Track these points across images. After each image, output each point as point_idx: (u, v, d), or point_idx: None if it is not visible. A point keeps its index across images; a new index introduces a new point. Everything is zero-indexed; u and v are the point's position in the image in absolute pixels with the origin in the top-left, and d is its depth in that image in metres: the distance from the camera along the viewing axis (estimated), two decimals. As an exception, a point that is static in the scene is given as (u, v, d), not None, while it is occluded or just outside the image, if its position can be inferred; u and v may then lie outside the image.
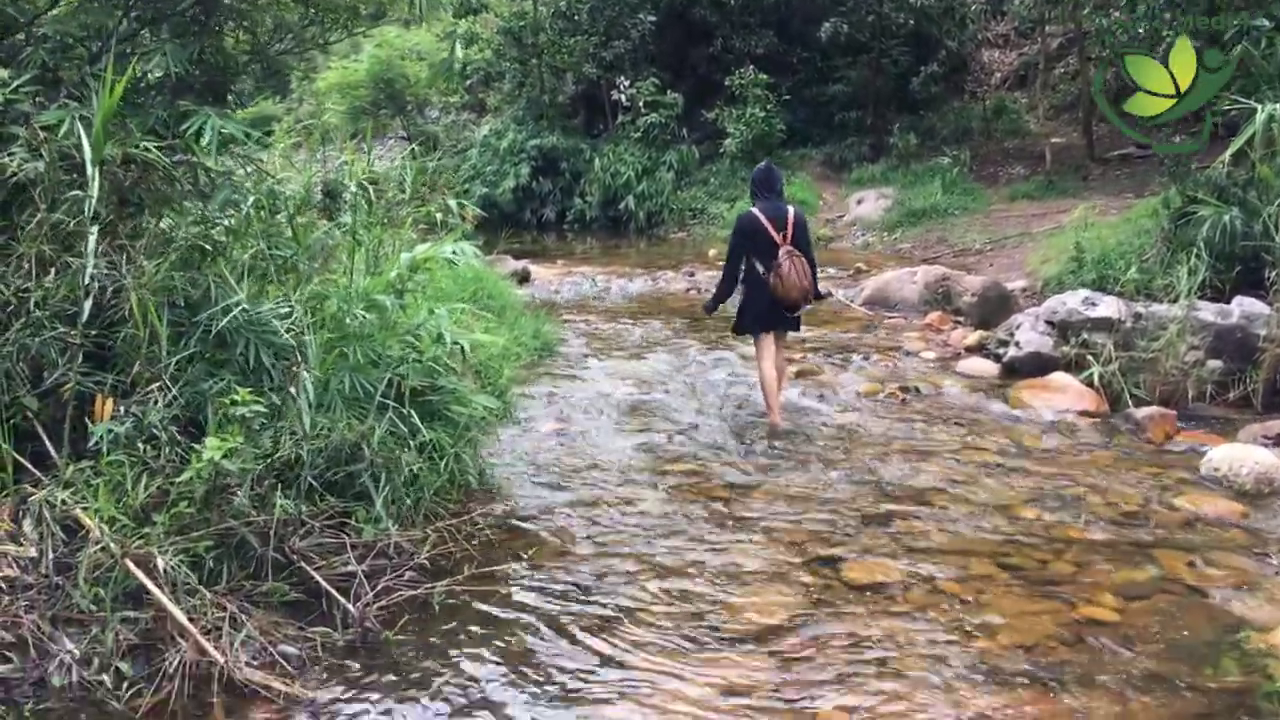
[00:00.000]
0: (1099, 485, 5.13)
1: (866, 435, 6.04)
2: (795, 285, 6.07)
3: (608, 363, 7.98)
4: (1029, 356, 7.34)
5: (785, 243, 6.12)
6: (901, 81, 19.45)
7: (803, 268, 6.10)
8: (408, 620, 3.70)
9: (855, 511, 4.82)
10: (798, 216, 6.27)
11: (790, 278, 6.05)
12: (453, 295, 7.92)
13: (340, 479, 4.21)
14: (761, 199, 6.35)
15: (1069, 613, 3.80)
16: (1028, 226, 13.77)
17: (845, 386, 7.16)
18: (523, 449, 5.82)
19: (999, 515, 4.74)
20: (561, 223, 20.93)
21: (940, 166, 16.98)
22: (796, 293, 6.11)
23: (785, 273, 6.05)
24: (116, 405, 3.94)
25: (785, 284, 6.07)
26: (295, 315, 4.17)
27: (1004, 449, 5.75)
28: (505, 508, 4.87)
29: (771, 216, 6.18)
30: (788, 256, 6.07)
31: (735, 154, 18.88)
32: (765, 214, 6.20)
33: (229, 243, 4.88)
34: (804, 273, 6.11)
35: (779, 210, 6.25)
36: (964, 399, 6.86)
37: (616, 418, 6.49)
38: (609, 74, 20.76)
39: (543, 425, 6.31)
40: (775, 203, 6.32)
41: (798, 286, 6.09)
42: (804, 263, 6.13)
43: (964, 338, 8.41)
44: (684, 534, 4.59)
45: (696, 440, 6.02)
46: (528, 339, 8.04)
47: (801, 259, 6.12)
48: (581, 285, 12.28)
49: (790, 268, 6.06)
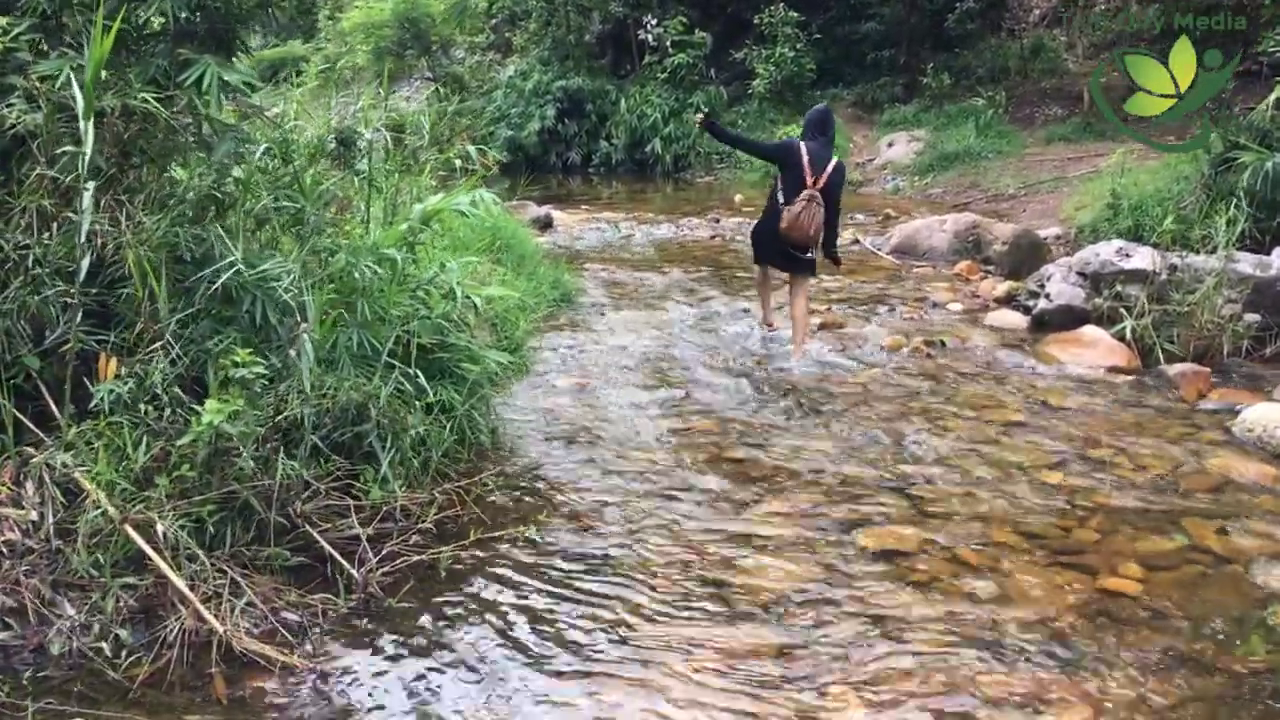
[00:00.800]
0: (1127, 447, 4.98)
1: (889, 392, 5.90)
2: (799, 229, 6.28)
3: (627, 314, 7.85)
4: (1059, 309, 7.14)
5: (813, 186, 6.27)
6: (936, 18, 18.89)
7: (815, 215, 6.26)
8: (412, 586, 3.65)
9: (874, 473, 4.70)
10: (837, 168, 6.40)
11: (799, 219, 6.25)
12: (470, 245, 7.82)
13: (347, 440, 4.14)
14: (811, 138, 6.47)
15: (1091, 584, 3.69)
16: (1063, 171, 13.41)
17: (869, 340, 7.00)
18: (537, 405, 5.73)
19: (1022, 479, 4.61)
20: (587, 166, 20.69)
21: (974, 108, 16.53)
22: (798, 235, 6.31)
23: (796, 212, 6.25)
24: (120, 364, 3.88)
25: (790, 223, 6.28)
26: (293, 274, 4.04)
27: (1030, 407, 5.60)
28: (516, 468, 4.80)
29: (813, 157, 6.33)
30: (807, 200, 6.25)
31: (764, 95, 18.49)
32: (809, 151, 6.34)
33: (238, 195, 4.79)
34: (813, 221, 6.26)
35: (823, 155, 6.37)
36: (991, 353, 6.69)
37: (634, 372, 6.39)
38: (636, 12, 20.32)
39: (558, 380, 6.22)
40: (822, 147, 6.41)
41: (800, 229, 6.28)
42: (820, 211, 6.27)
43: (993, 288, 8.20)
44: (698, 497, 4.50)
45: (715, 396, 5.91)
46: (547, 289, 7.93)
47: (819, 208, 6.27)
48: (604, 232, 12.11)
49: (803, 210, 6.24)
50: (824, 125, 6.54)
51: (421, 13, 24.77)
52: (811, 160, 6.30)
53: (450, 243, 7.69)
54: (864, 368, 6.42)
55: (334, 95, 8.23)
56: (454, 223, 8.02)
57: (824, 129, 6.52)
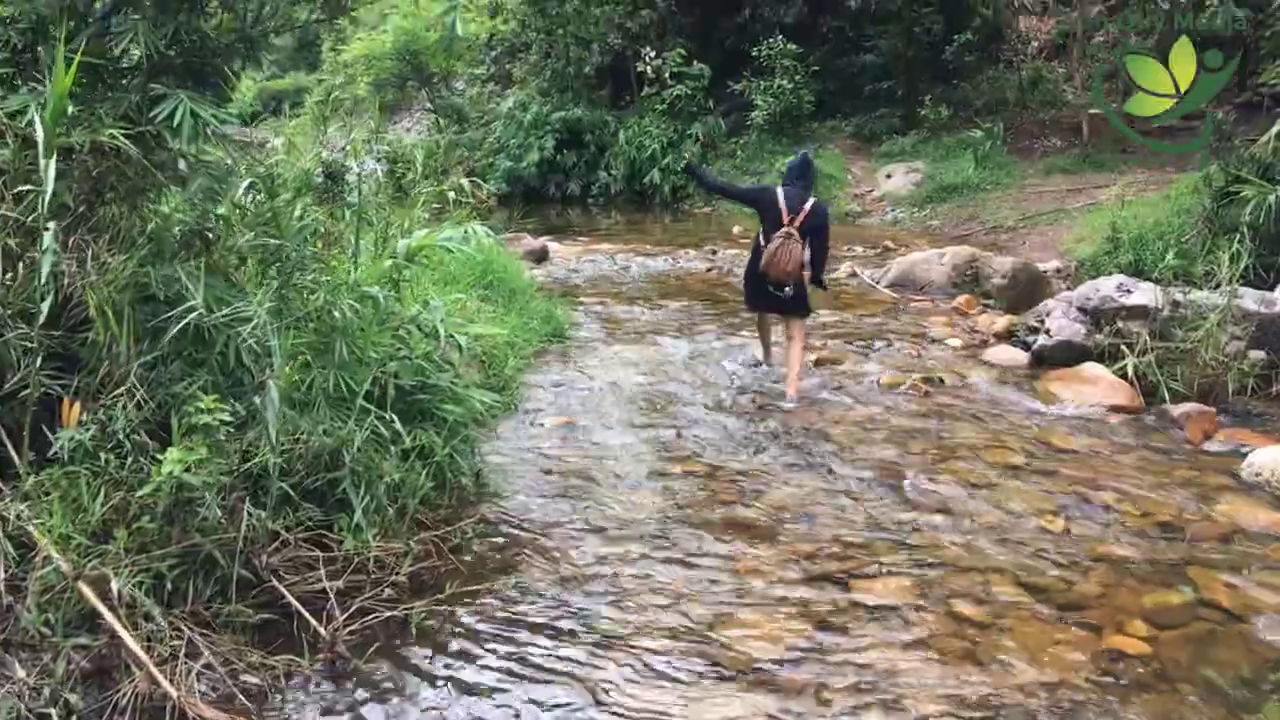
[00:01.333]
0: (1131, 491, 4.82)
1: (886, 433, 5.74)
2: (776, 266, 6.41)
3: (620, 349, 7.71)
4: (1059, 345, 6.99)
5: (789, 225, 6.41)
6: (934, 51, 18.89)
7: (792, 253, 6.38)
8: (382, 645, 3.48)
9: (869, 520, 4.54)
10: (817, 209, 6.57)
11: (776, 256, 6.39)
12: (461, 279, 7.70)
13: (320, 486, 3.99)
14: (788, 184, 6.68)
15: (1096, 643, 3.51)
16: (1063, 203, 13.31)
17: (866, 377, 6.85)
18: (524, 445, 5.58)
19: (1023, 526, 4.44)
20: (586, 196, 20.63)
21: (972, 139, 16.45)
22: (775, 271, 6.43)
23: (773, 250, 6.39)
24: (84, 409, 3.74)
25: (769, 260, 6.42)
26: (259, 316, 3.89)
27: (1031, 449, 5.44)
28: (498, 514, 4.63)
29: (789, 199, 6.49)
30: (784, 237, 6.38)
31: (763, 126, 18.46)
32: (785, 195, 6.53)
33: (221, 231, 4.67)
34: (790, 257, 6.38)
35: (798, 196, 6.53)
36: (990, 391, 6.54)
37: (625, 410, 6.23)
38: (635, 44, 20.35)
39: (547, 419, 6.06)
40: (799, 190, 6.59)
41: (778, 266, 6.41)
42: (797, 249, 6.38)
43: (992, 323, 8.05)
44: (687, 545, 4.33)
45: (707, 436, 5.75)
46: (538, 324, 7.79)
47: (796, 245, 6.38)
48: (601, 265, 12.00)
49: (779, 247, 6.38)
50: (803, 171, 6.77)
51: (421, 45, 24.85)
52: (787, 201, 6.47)
53: (440, 277, 7.57)
54: (861, 406, 6.27)
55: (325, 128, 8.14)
56: (444, 257, 7.91)
57: (802, 175, 6.75)
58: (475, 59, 26.39)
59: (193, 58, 4.58)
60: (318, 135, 8.27)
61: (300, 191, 6.69)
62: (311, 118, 8.06)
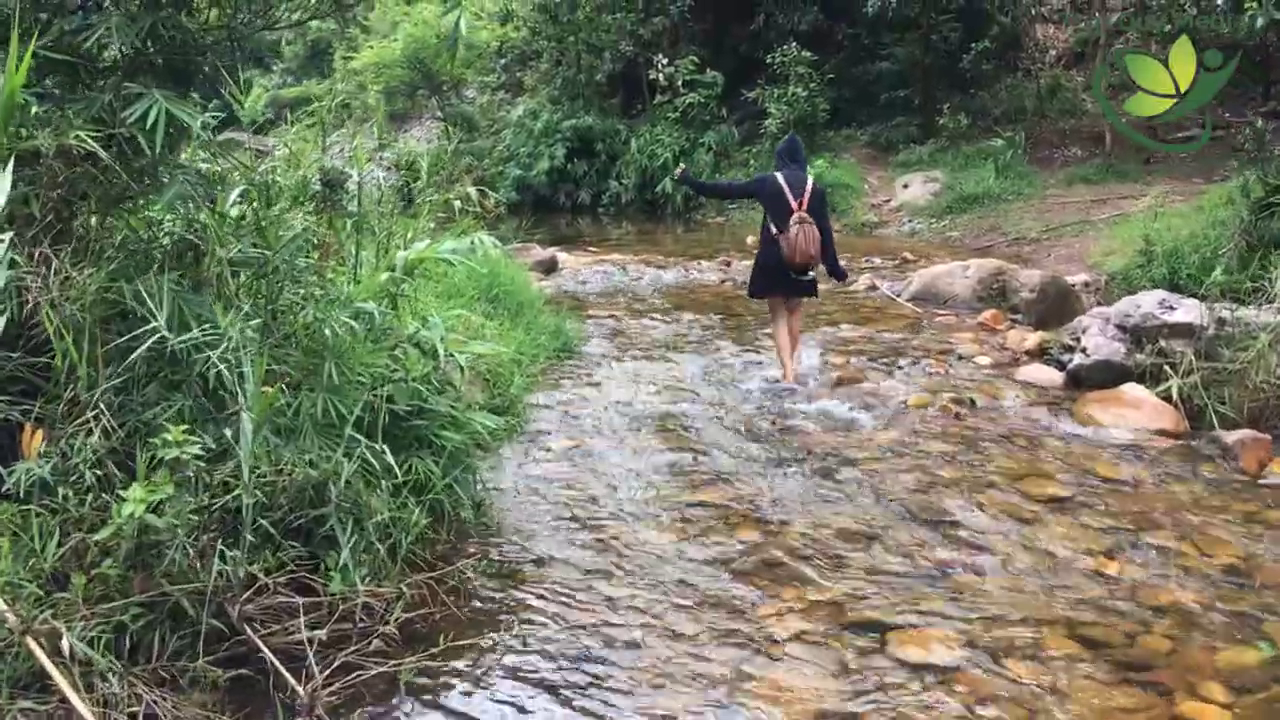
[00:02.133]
0: (1189, 529, 4.43)
1: (916, 459, 5.37)
2: (801, 250, 6.45)
3: (632, 365, 7.36)
4: (1097, 365, 6.60)
5: (800, 209, 6.49)
6: (951, 59, 18.54)
7: (811, 235, 6.46)
8: (369, 705, 3.12)
9: (905, 561, 4.16)
10: (816, 187, 6.68)
11: (797, 242, 6.44)
12: (465, 292, 7.36)
13: (306, 523, 3.64)
14: (784, 167, 6.76)
15: (1166, 709, 3.13)
16: (1087, 214, 12.94)
17: (892, 397, 6.47)
18: (530, 472, 5.22)
19: (1075, 569, 4.06)
20: (597, 206, 20.31)
21: (992, 149, 16.09)
22: (800, 257, 6.48)
23: (793, 236, 6.44)
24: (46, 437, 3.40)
25: (792, 248, 6.45)
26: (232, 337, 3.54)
27: (1075, 479, 5.05)
28: (500, 551, 4.27)
29: (791, 183, 6.59)
30: (799, 223, 6.45)
31: (777, 135, 18.06)
32: (786, 179, 6.61)
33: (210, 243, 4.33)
34: (812, 240, 6.46)
35: (799, 178, 6.64)
36: (1025, 413, 6.16)
37: (637, 432, 5.87)
38: (647, 52, 20.04)
39: (555, 442, 5.71)
40: (796, 172, 6.70)
41: (802, 251, 6.46)
42: (814, 230, 6.48)
43: (1023, 340, 7.66)
44: (706, 587, 3.96)
45: (724, 461, 5.39)
46: (546, 340, 7.45)
47: (812, 227, 6.48)
48: (611, 276, 11.65)
49: (799, 233, 6.44)
50: (793, 152, 6.88)
51: (431, 53, 24.59)
52: (790, 185, 6.55)
53: (444, 290, 7.24)
54: (888, 429, 5.90)
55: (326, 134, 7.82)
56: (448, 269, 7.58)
57: (794, 156, 6.85)
58: (486, 67, 26.14)
59: (174, 55, 4.26)
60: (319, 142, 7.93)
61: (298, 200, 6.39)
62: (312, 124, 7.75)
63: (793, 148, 6.97)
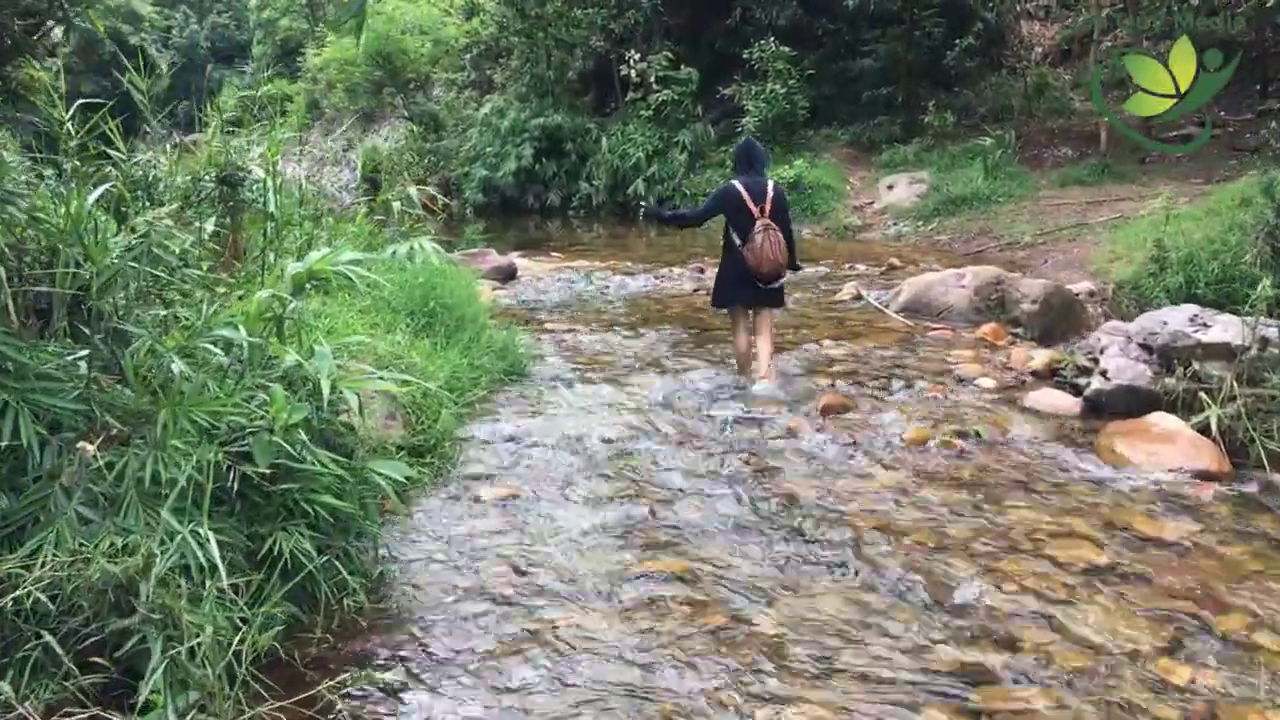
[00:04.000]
0: (1262, 611, 3.55)
1: (918, 513, 4.47)
2: (767, 258, 6.24)
3: (588, 391, 6.43)
4: (1120, 391, 5.74)
5: (762, 216, 6.26)
6: (934, 55, 17.75)
7: (777, 241, 6.25)
8: None
9: (914, 662, 3.25)
10: (777, 191, 6.46)
11: (763, 250, 6.22)
12: (400, 307, 6.43)
13: (111, 636, 2.70)
14: (743, 174, 6.50)
15: None
16: (1084, 216, 12.12)
17: (885, 430, 5.58)
18: (452, 532, 4.29)
19: (1129, 673, 3.16)
20: (567, 208, 19.41)
21: (980, 148, 15.26)
22: (768, 266, 6.27)
23: (758, 245, 6.21)
24: None
25: (758, 256, 6.22)
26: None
27: (1111, 538, 4.16)
28: (396, 650, 3.33)
29: (751, 190, 6.34)
30: (763, 230, 6.23)
31: (754, 133, 17.19)
32: (746, 187, 6.35)
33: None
34: (777, 246, 6.26)
35: (759, 184, 6.40)
36: (1040, 449, 5.28)
37: (587, 477, 4.96)
38: (619, 48, 19.14)
39: (487, 489, 4.78)
40: (755, 177, 6.46)
41: (770, 260, 6.25)
42: (779, 236, 6.27)
43: (1028, 359, 6.79)
44: (664, 700, 3.05)
45: (690, 515, 4.48)
46: (490, 360, 6.51)
47: (777, 233, 6.26)
48: (575, 284, 10.73)
49: (764, 240, 6.22)
50: (751, 158, 6.60)
51: (395, 49, 23.59)
52: (750, 193, 6.31)
53: (372, 305, 6.31)
54: (882, 471, 5.00)
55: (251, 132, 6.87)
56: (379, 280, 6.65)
57: (751, 161, 6.58)
58: (454, 64, 25.18)
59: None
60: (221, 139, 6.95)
61: (189, 201, 5.51)
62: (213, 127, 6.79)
63: (750, 152, 6.68)
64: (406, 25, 23.78)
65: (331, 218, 7.77)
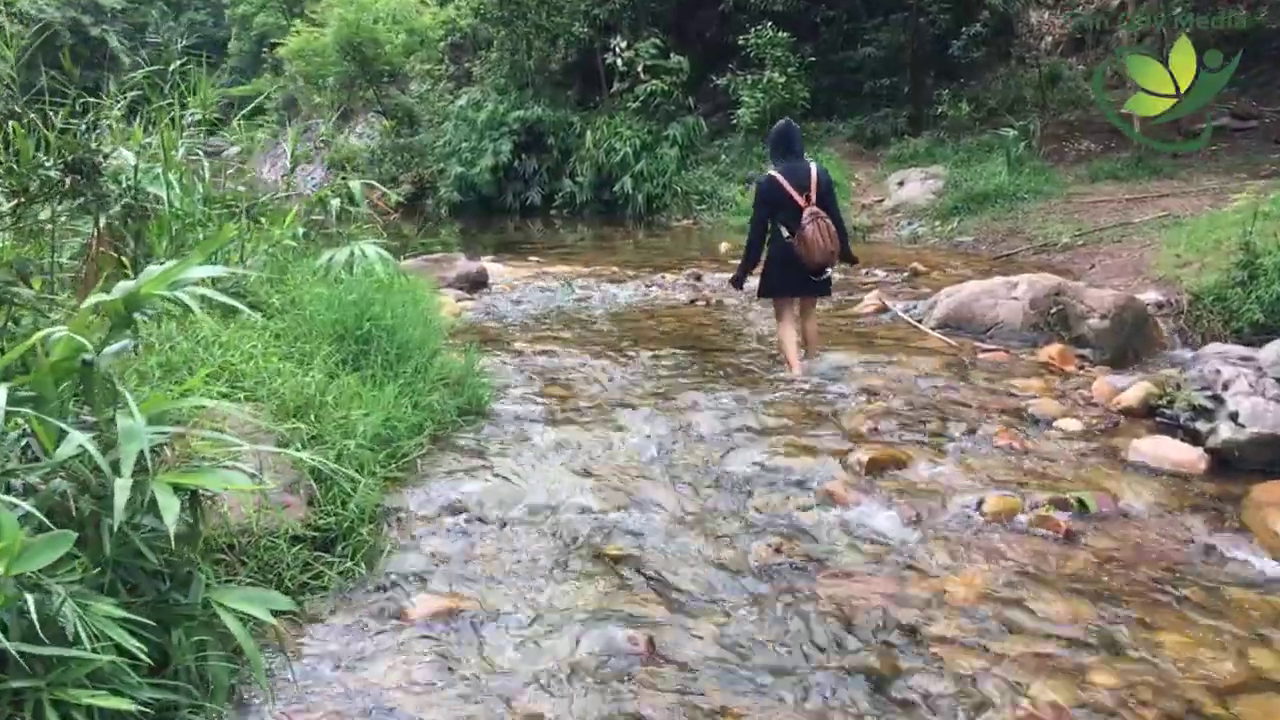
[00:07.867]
0: None
1: (1032, 640, 3.11)
2: (819, 248, 5.87)
3: (564, 437, 5.03)
4: (1258, 441, 4.40)
5: (809, 204, 5.89)
6: (940, 44, 16.46)
7: (827, 229, 5.88)
8: None
9: None
10: (821, 175, 6.04)
11: (814, 241, 5.85)
12: (326, 331, 5.03)
13: None
14: (780, 160, 6.09)
15: None
16: (1126, 215, 10.81)
17: (953, 495, 4.21)
18: (358, 679, 2.90)
19: None
20: (549, 208, 18.03)
21: (997, 140, 13.97)
22: (820, 256, 5.91)
23: (809, 236, 5.84)
24: None
25: (809, 247, 5.87)
26: None
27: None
28: None
29: (793, 178, 5.95)
30: (812, 219, 5.85)
31: (750, 126, 15.90)
32: (786, 176, 5.96)
33: None
34: (829, 234, 5.89)
35: (800, 170, 6.00)
36: (1170, 528, 3.92)
37: (556, 578, 3.57)
38: (604, 36, 17.75)
39: (419, 600, 3.39)
40: (795, 163, 6.04)
41: (822, 249, 5.88)
42: (829, 224, 5.89)
43: (1114, 391, 5.43)
44: None
45: (699, 651, 3.10)
46: (440, 397, 5.11)
47: (826, 220, 5.89)
48: (554, 294, 9.32)
49: (814, 230, 5.84)
50: (789, 141, 6.14)
51: (367, 38, 22.12)
52: (793, 182, 5.92)
53: (287, 329, 4.91)
54: (962, 565, 3.64)
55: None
56: (301, 298, 5.27)
57: (790, 145, 6.13)
58: (430, 55, 23.75)
59: None
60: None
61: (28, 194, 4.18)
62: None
63: (786, 135, 6.16)
64: (379, 14, 22.33)
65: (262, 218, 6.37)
